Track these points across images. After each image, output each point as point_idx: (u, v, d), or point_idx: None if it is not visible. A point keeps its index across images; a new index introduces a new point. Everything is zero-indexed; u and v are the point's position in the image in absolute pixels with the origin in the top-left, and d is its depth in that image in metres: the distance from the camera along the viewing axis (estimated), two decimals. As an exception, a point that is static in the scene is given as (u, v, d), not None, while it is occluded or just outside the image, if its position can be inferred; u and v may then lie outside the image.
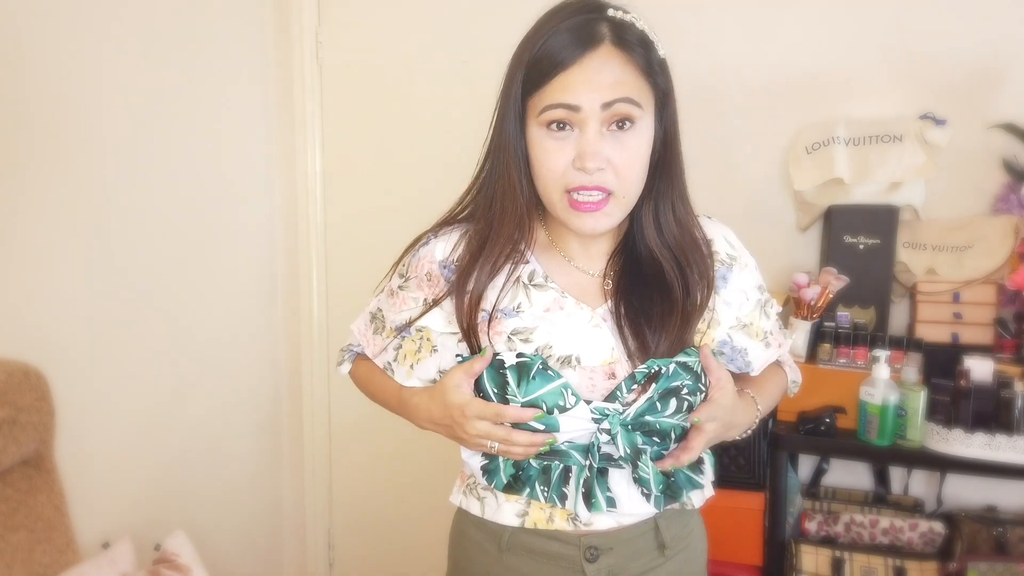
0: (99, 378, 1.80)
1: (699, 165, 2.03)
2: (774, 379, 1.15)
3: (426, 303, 1.02)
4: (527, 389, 0.92)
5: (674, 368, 0.94)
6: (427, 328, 1.02)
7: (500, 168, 0.95)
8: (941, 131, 1.81)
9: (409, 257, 1.06)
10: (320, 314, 2.46)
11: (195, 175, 2.08)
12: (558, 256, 1.01)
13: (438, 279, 1.01)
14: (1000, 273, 1.78)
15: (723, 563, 1.77)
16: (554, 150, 0.90)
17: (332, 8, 2.35)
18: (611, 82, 0.87)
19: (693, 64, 2.02)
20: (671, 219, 0.97)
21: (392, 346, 1.06)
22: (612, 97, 0.87)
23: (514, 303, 0.98)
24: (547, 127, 0.90)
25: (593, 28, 0.88)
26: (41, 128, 1.65)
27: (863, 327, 1.80)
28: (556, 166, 0.90)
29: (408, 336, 1.04)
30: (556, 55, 0.87)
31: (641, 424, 0.94)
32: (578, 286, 1.00)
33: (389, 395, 1.09)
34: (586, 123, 0.88)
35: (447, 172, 2.27)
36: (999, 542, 1.71)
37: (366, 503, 2.46)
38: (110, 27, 1.80)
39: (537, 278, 0.99)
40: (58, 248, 1.70)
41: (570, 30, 0.88)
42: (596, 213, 0.91)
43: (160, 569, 1.64)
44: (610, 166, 0.89)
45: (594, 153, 0.88)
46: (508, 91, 0.93)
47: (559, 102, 0.87)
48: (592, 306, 0.98)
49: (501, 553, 1.01)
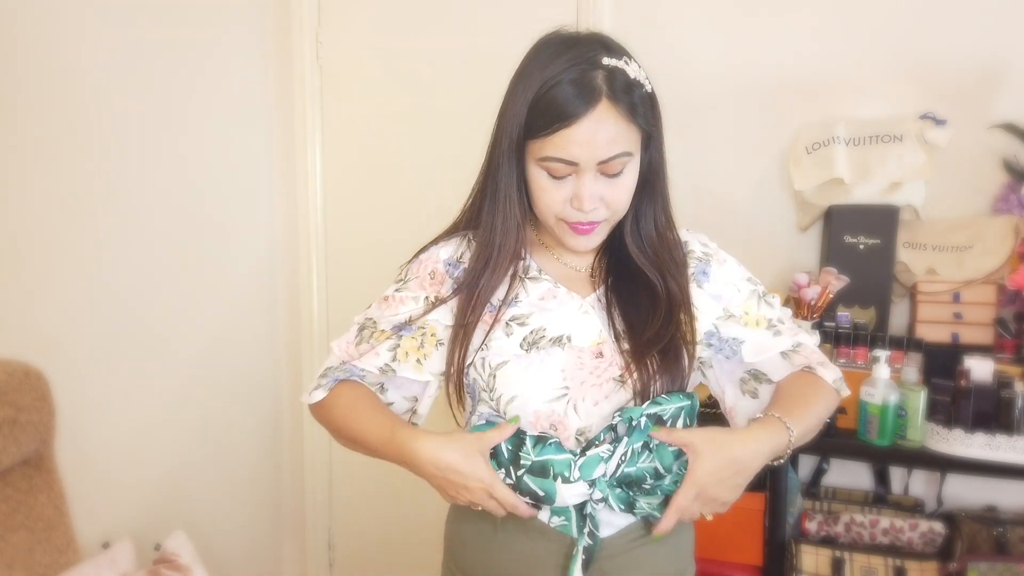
0: (99, 378, 1.80)
1: (699, 166, 2.06)
2: (810, 390, 1.05)
3: (427, 301, 1.06)
4: (540, 452, 0.97)
5: (645, 421, 0.96)
6: (431, 324, 1.05)
7: (498, 186, 1.03)
8: (941, 131, 1.81)
9: (408, 265, 1.12)
10: (320, 314, 2.46)
11: (195, 175, 2.08)
12: (546, 252, 1.10)
13: (443, 277, 1.07)
14: (1000, 273, 1.78)
15: (723, 563, 1.77)
16: (551, 190, 0.99)
17: (332, 8, 2.35)
18: (607, 140, 0.94)
19: (693, 65, 2.02)
20: (651, 230, 1.06)
21: (386, 347, 1.05)
22: (607, 156, 0.95)
23: (511, 295, 1.06)
24: (547, 172, 0.98)
25: (592, 83, 0.93)
26: (42, 128, 1.65)
27: (863, 327, 1.80)
28: (553, 203, 0.99)
29: (407, 334, 1.05)
30: (559, 110, 0.93)
31: (626, 478, 0.97)
32: (567, 278, 1.08)
33: (375, 430, 1.01)
34: (583, 173, 0.96)
35: (447, 172, 2.29)
36: (999, 542, 1.71)
37: (366, 503, 2.46)
38: (110, 27, 1.80)
39: (532, 272, 1.08)
40: (58, 248, 1.70)
41: (572, 85, 0.93)
42: (589, 235, 1.02)
43: (160, 569, 1.64)
44: (602, 203, 0.99)
45: (590, 197, 0.97)
46: (505, 125, 0.99)
47: (560, 158, 0.95)
48: (581, 295, 1.06)
49: (496, 531, 1.04)
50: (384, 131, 2.35)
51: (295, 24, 2.34)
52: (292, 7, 2.34)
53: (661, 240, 1.07)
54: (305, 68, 2.35)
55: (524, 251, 1.07)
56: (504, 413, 1.01)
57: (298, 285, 2.46)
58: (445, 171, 2.27)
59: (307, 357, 2.46)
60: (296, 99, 2.37)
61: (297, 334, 2.47)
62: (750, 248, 2.03)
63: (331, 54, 2.37)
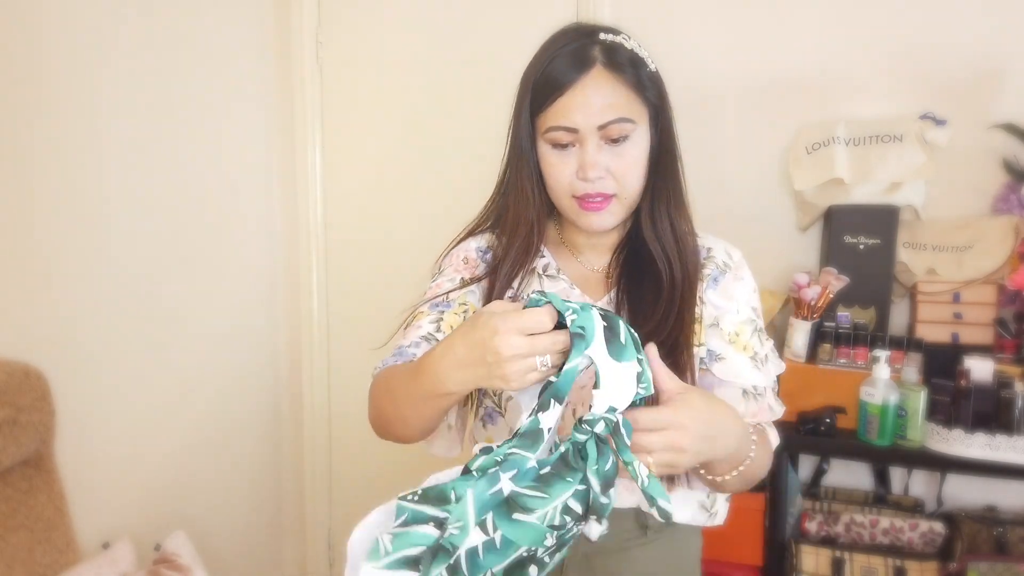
0: (99, 378, 1.80)
1: (700, 165, 2.04)
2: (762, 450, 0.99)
3: (463, 280, 1.08)
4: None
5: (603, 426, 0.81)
6: (471, 302, 1.07)
7: (513, 178, 1.06)
8: (941, 131, 1.81)
9: (442, 259, 1.14)
10: (320, 314, 2.46)
11: (195, 175, 2.08)
12: (567, 252, 1.12)
13: (476, 263, 1.10)
14: (1000, 273, 1.78)
15: (723, 563, 1.77)
16: (558, 164, 1.00)
17: (332, 8, 2.35)
18: (603, 105, 0.96)
19: (693, 65, 2.02)
20: (664, 215, 1.05)
21: (428, 320, 1.03)
22: (605, 120, 0.96)
23: (530, 289, 1.07)
24: (552, 145, 1.00)
25: (586, 53, 0.97)
26: (42, 128, 1.65)
27: (863, 327, 1.80)
28: (562, 177, 1.01)
29: (448, 310, 1.05)
30: (554, 80, 0.97)
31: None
32: (584, 279, 1.09)
33: (405, 375, 0.92)
34: (585, 141, 0.98)
35: (447, 171, 2.29)
36: (999, 542, 1.71)
37: (366, 503, 2.45)
38: (111, 27, 1.80)
39: (550, 270, 1.09)
40: (58, 248, 1.70)
41: (566, 56, 0.97)
42: (601, 212, 1.01)
43: (160, 569, 1.64)
44: (609, 174, 0.99)
45: (593, 164, 0.98)
46: (519, 110, 1.03)
47: (559, 125, 0.98)
48: (594, 297, 1.07)
49: None
50: (384, 131, 2.35)
51: (295, 24, 2.34)
52: (292, 7, 2.34)
53: (674, 226, 1.06)
54: (305, 68, 2.35)
55: (543, 247, 1.09)
56: (503, 409, 1.02)
57: (298, 284, 2.46)
58: (445, 171, 2.27)
59: (307, 357, 2.46)
60: (296, 99, 2.37)
61: (297, 334, 2.47)
62: (750, 248, 2.02)
63: (331, 54, 2.37)
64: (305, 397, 2.48)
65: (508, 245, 1.06)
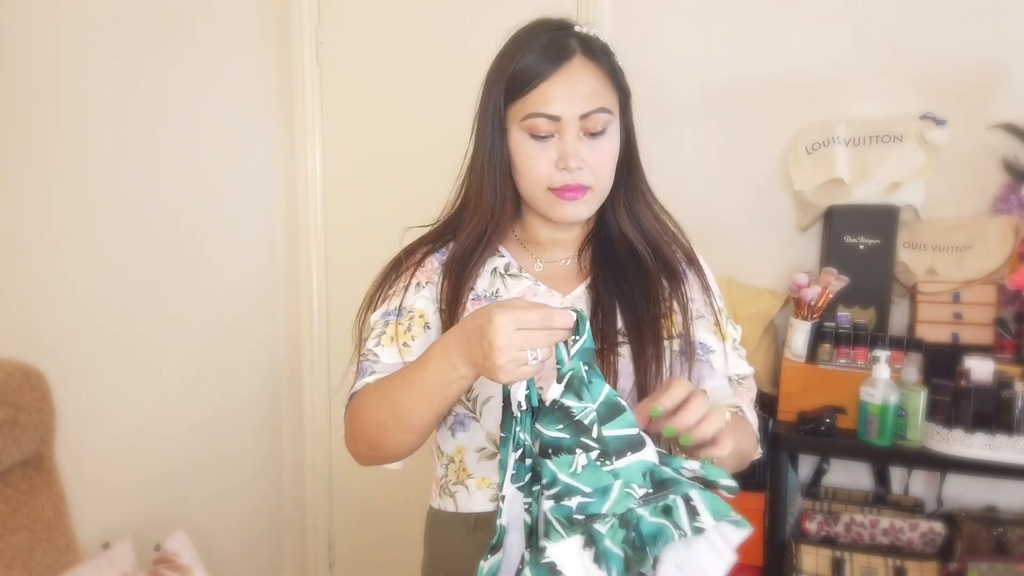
0: (99, 378, 1.80)
1: (699, 165, 2.06)
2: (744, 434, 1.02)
3: (416, 284, 1.06)
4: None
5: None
6: (420, 307, 1.04)
7: (476, 177, 1.05)
8: (941, 131, 1.81)
9: (393, 264, 1.13)
10: (320, 314, 2.46)
11: (195, 175, 2.08)
12: (525, 252, 1.10)
13: (431, 263, 1.08)
14: (1000, 273, 1.78)
15: (723, 563, 1.77)
16: (536, 155, 0.99)
17: (332, 8, 2.35)
18: (587, 93, 0.97)
19: (693, 65, 2.02)
20: (642, 206, 1.07)
21: (373, 335, 1.04)
22: (589, 109, 0.97)
23: (492, 289, 1.05)
24: (529, 134, 0.99)
25: (564, 42, 0.98)
26: (42, 128, 1.65)
27: (863, 327, 1.80)
28: (539, 169, 0.99)
29: (393, 319, 1.04)
30: (534, 68, 0.97)
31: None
32: (550, 276, 1.08)
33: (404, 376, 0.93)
34: (566, 130, 0.97)
35: (446, 172, 2.29)
36: (999, 542, 1.71)
37: (366, 503, 2.46)
38: (112, 27, 1.80)
39: (512, 269, 1.07)
40: (58, 248, 1.70)
41: (544, 46, 0.98)
42: (576, 202, 1.00)
43: (160, 569, 1.64)
44: (587, 166, 0.99)
45: (575, 154, 0.97)
46: (487, 102, 1.03)
47: (542, 112, 0.97)
48: (563, 292, 1.06)
49: (471, 532, 1.03)
50: (384, 131, 2.35)
51: (295, 24, 2.34)
52: (292, 7, 2.34)
53: (654, 216, 1.08)
54: (305, 68, 2.35)
55: (500, 247, 1.07)
56: (479, 414, 1.00)
57: (298, 284, 2.46)
58: (445, 171, 2.27)
59: (307, 357, 2.46)
60: (296, 99, 2.37)
61: (297, 333, 2.47)
62: (750, 248, 2.04)
63: (331, 54, 2.37)
64: (305, 397, 2.48)
65: (466, 238, 1.04)
